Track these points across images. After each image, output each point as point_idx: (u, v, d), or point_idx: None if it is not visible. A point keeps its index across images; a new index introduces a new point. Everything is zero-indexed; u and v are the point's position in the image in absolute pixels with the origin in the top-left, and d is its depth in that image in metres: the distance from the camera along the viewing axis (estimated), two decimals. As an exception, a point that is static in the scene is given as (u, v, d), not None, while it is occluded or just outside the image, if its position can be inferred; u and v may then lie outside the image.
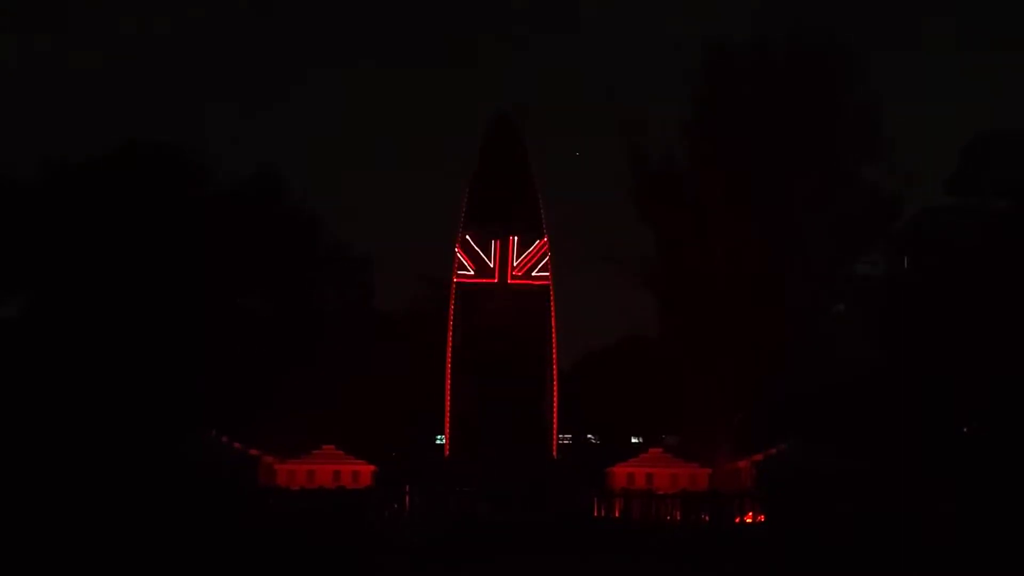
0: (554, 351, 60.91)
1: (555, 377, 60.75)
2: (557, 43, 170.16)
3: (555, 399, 60.64)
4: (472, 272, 62.14)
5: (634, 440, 78.47)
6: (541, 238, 61.94)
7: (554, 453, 60.43)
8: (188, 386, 59.07)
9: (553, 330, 60.98)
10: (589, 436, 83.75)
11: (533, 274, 62.29)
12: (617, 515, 50.76)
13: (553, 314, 61.11)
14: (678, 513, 50.73)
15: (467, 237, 62.29)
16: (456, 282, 62.24)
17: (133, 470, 49.76)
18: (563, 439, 67.79)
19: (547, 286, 61.43)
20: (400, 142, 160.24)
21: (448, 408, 60.47)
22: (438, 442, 64.60)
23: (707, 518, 50.33)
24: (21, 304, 62.46)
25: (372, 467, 59.67)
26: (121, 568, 35.55)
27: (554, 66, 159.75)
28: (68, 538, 41.49)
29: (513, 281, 61.96)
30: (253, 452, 57.11)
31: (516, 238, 62.13)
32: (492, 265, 62.28)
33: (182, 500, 46.82)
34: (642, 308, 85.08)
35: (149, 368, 58.75)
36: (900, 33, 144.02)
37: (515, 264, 62.28)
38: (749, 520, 50.74)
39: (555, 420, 60.65)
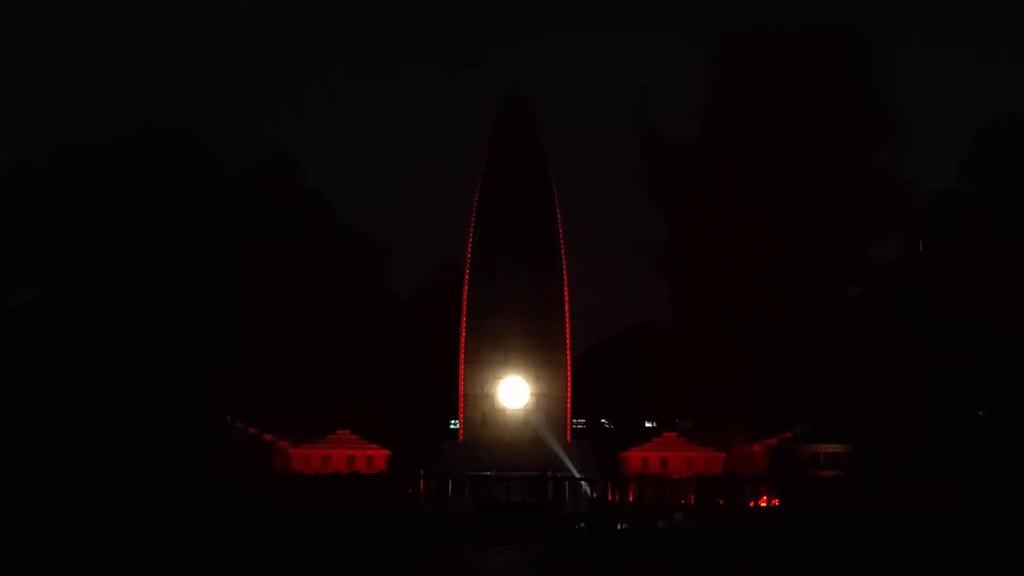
0: (568, 336, 60.86)
1: (569, 362, 60.71)
2: (560, 40, 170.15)
3: (569, 384, 60.60)
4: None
5: (648, 424, 78.53)
6: (555, 224, 61.81)
7: (568, 438, 60.45)
8: (204, 371, 59.27)
9: (567, 315, 60.93)
10: (603, 420, 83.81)
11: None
12: (631, 499, 50.75)
13: (567, 299, 61.03)
14: (692, 497, 50.71)
15: (481, 220, 62.20)
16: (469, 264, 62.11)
17: (150, 455, 50.00)
18: (577, 423, 67.82)
19: (561, 272, 61.34)
20: (409, 138, 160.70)
21: (462, 392, 60.50)
22: (452, 426, 64.70)
23: (721, 502, 50.33)
24: (39, 290, 62.70)
25: (386, 452, 59.84)
26: (132, 551, 35.71)
27: (557, 63, 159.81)
28: (79, 522, 41.68)
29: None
30: (268, 437, 57.30)
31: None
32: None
33: (197, 485, 47.02)
34: (656, 295, 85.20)
35: (165, 353, 58.95)
36: (914, 18, 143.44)
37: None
38: (763, 504, 50.73)
39: (569, 404, 60.64)
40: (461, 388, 60.48)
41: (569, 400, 60.53)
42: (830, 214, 63.39)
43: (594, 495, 51.13)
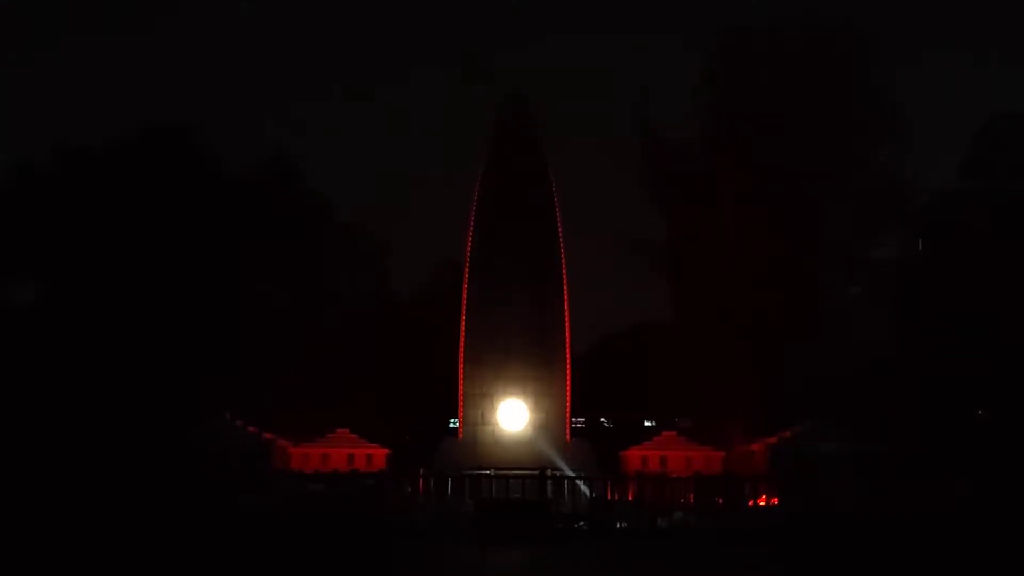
0: (567, 336, 60.83)
1: (568, 361, 60.67)
2: (560, 40, 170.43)
3: (568, 383, 60.55)
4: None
5: (647, 423, 78.55)
6: (555, 224, 61.78)
7: (567, 436, 60.40)
8: (204, 371, 59.31)
9: (567, 315, 60.88)
10: (603, 419, 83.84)
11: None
12: (631, 498, 50.66)
13: (567, 298, 60.99)
14: (692, 496, 50.63)
15: (481, 219, 62.12)
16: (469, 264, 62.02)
17: (150, 454, 49.98)
18: (576, 422, 67.77)
19: (561, 271, 61.27)
20: (409, 138, 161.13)
21: (461, 391, 60.44)
22: (452, 425, 64.71)
23: (721, 501, 50.25)
24: (40, 289, 62.77)
25: (386, 451, 59.81)
26: (132, 550, 35.72)
27: (557, 63, 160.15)
28: (79, 521, 41.68)
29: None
30: (268, 436, 57.31)
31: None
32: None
33: (196, 484, 47.00)
34: (656, 294, 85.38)
35: (165, 352, 59.00)
36: (914, 18, 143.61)
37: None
38: (763, 503, 50.68)
39: (568, 403, 60.58)
40: (460, 387, 60.40)
41: (568, 399, 60.46)
42: (830, 214, 63.46)
43: (593, 494, 50.98)
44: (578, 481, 52.36)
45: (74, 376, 57.12)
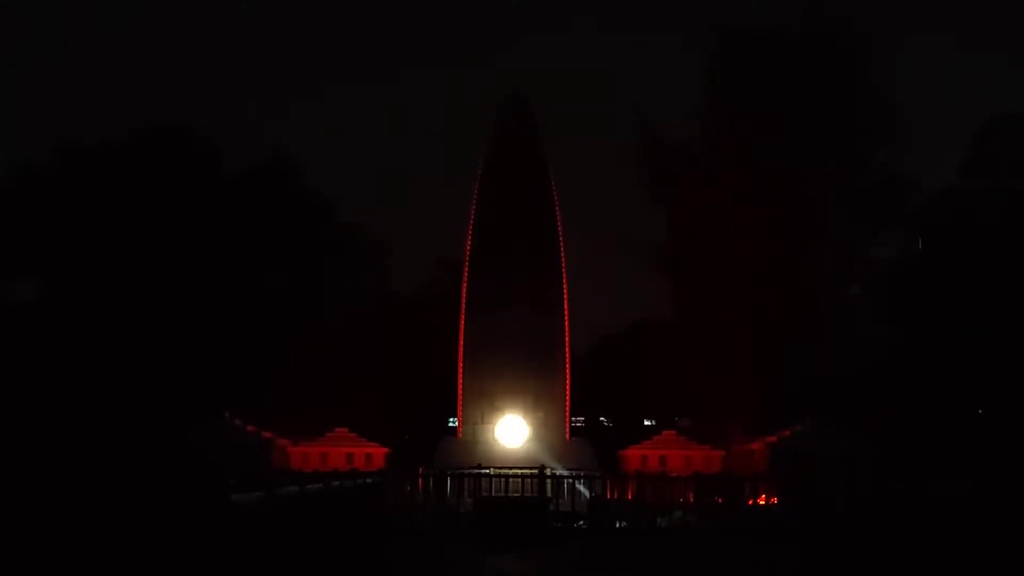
0: (567, 334, 60.80)
1: (568, 360, 60.63)
2: (560, 40, 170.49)
3: (568, 382, 60.50)
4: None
5: (647, 423, 78.52)
6: (555, 223, 61.73)
7: (567, 435, 60.36)
8: (204, 370, 59.31)
9: (566, 314, 60.84)
10: (602, 419, 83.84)
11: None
12: (630, 498, 50.56)
13: (567, 297, 60.95)
14: (691, 495, 50.53)
15: (481, 219, 62.06)
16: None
17: (149, 454, 49.95)
18: (576, 421, 67.74)
19: (561, 271, 61.23)
20: (409, 138, 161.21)
21: (460, 391, 60.39)
22: (451, 424, 64.70)
23: (721, 500, 50.17)
24: (40, 288, 62.84)
25: (385, 449, 59.78)
26: (131, 551, 35.60)
27: (557, 63, 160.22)
28: (78, 521, 41.60)
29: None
30: (267, 435, 57.29)
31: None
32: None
33: (196, 483, 46.92)
34: (656, 294, 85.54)
35: (165, 352, 59.02)
36: (914, 18, 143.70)
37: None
38: (763, 502, 50.62)
39: (568, 402, 60.53)
40: (460, 387, 60.33)
41: (568, 398, 60.39)
42: (830, 214, 63.50)
43: (593, 494, 50.88)
44: (577, 481, 52.26)
45: (74, 375, 57.14)
